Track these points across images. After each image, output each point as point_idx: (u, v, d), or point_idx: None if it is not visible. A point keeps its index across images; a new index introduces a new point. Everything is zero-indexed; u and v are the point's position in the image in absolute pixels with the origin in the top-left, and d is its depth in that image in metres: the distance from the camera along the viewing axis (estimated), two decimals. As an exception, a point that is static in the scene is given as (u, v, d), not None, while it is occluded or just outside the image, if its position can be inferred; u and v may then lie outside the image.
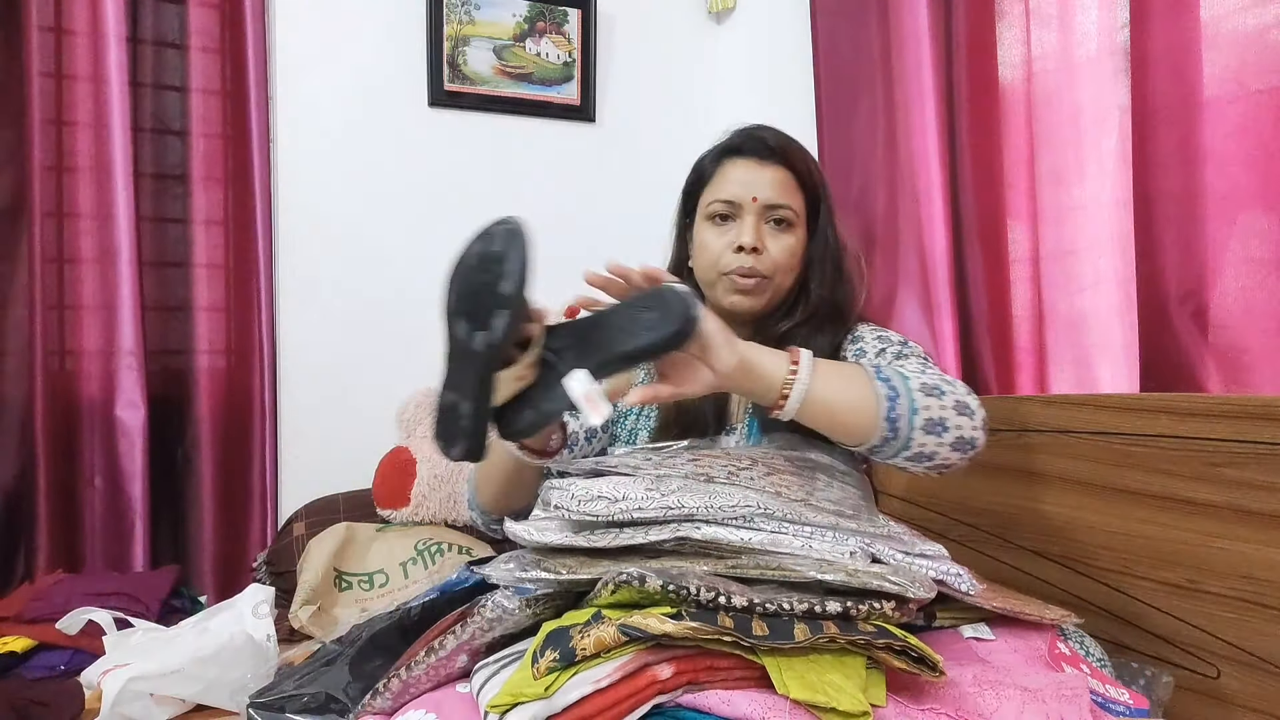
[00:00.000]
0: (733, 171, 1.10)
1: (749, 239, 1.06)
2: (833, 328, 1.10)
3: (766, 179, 1.08)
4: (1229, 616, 0.99)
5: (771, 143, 1.09)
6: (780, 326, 1.09)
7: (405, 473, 1.85)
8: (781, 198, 1.08)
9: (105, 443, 1.82)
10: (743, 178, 1.08)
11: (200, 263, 1.91)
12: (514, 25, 2.14)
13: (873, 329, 1.11)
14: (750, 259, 1.06)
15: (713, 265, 1.09)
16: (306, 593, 1.63)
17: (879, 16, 1.71)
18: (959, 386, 0.92)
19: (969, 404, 0.90)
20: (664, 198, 2.27)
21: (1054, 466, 1.20)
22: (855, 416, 0.88)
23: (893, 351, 1.04)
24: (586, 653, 0.66)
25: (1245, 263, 1.09)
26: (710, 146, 1.15)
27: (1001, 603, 0.86)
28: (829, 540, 0.78)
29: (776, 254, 1.07)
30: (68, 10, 1.79)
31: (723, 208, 1.09)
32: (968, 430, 0.89)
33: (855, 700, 0.63)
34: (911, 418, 0.87)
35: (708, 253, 1.10)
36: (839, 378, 0.89)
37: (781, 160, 1.09)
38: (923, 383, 0.89)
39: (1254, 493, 0.96)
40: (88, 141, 1.80)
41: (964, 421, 0.89)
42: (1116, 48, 1.28)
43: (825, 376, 0.88)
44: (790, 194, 1.09)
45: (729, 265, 1.07)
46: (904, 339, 1.07)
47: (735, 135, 1.12)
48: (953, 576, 0.80)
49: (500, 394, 0.83)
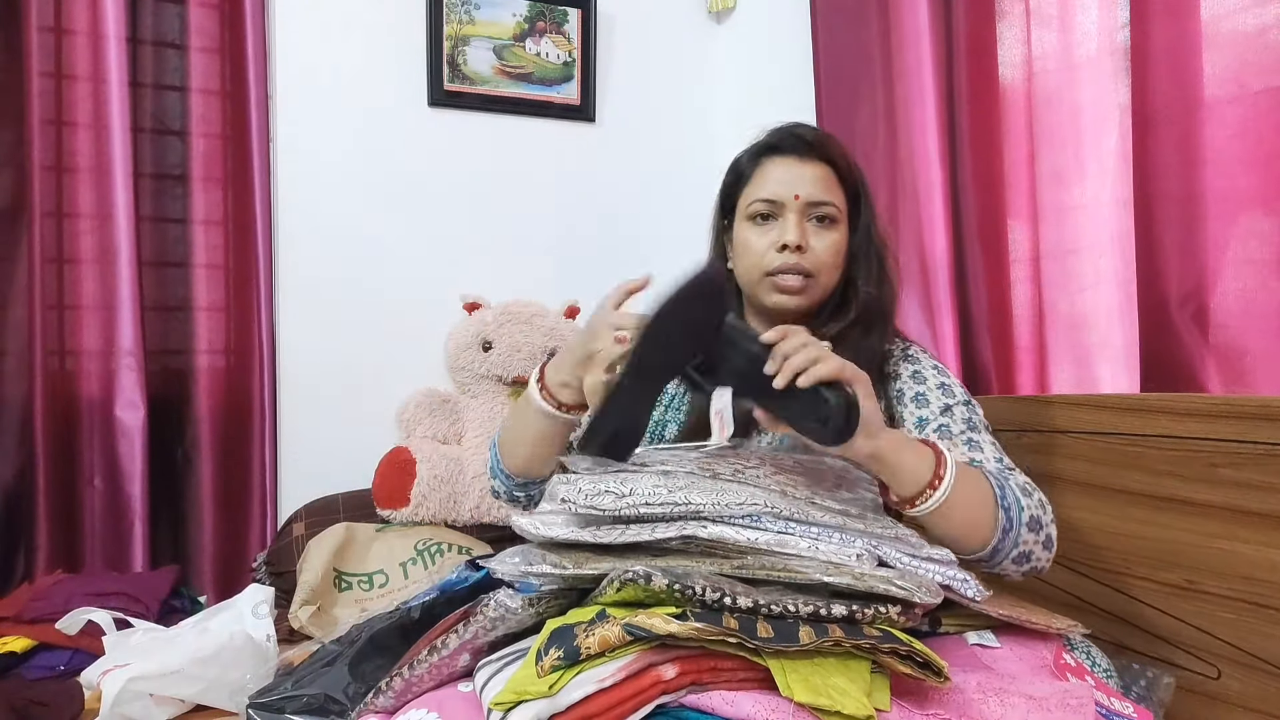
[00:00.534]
0: (773, 170, 1.08)
1: (793, 237, 1.04)
2: (881, 329, 1.09)
3: (808, 176, 1.06)
4: (1228, 617, 0.99)
5: (810, 139, 1.08)
6: (831, 327, 1.07)
7: (405, 473, 1.85)
8: (824, 194, 1.06)
9: (105, 443, 1.82)
10: (783, 176, 1.06)
11: (200, 263, 1.91)
12: (514, 25, 2.14)
13: (932, 363, 1.09)
14: (794, 257, 1.04)
15: (756, 266, 1.07)
16: (306, 593, 1.63)
17: (879, 16, 1.71)
18: (1036, 489, 0.95)
19: (1044, 501, 0.94)
20: (664, 198, 2.30)
21: (1054, 466, 1.20)
22: (974, 530, 0.89)
23: (961, 416, 1.02)
24: (591, 651, 0.66)
25: (1245, 263, 1.10)
26: (746, 146, 1.14)
27: (1008, 610, 0.86)
28: (835, 541, 0.78)
29: (821, 252, 1.05)
30: (68, 10, 1.78)
31: (764, 207, 1.07)
32: (1051, 530, 0.94)
33: (859, 704, 0.63)
34: (1020, 514, 0.90)
35: (750, 253, 1.08)
36: (969, 493, 0.89)
37: (821, 156, 1.07)
38: (1018, 483, 0.93)
39: (1253, 493, 0.96)
40: (87, 141, 1.80)
41: (1049, 522, 0.93)
42: (1116, 48, 1.28)
43: (961, 491, 0.87)
44: (832, 190, 1.07)
45: (773, 265, 1.05)
46: (967, 396, 1.06)
47: (773, 133, 1.11)
48: (959, 582, 0.80)
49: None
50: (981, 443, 1.00)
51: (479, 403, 1.99)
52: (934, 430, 1.01)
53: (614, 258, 2.25)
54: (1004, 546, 0.90)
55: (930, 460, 0.87)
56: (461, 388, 2.03)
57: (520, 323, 1.99)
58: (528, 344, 1.97)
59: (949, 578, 0.80)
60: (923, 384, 1.06)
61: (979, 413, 1.05)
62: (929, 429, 1.02)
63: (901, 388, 1.06)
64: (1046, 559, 0.94)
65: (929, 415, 1.03)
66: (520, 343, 1.97)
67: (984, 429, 1.03)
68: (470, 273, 2.12)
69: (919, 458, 0.87)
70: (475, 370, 1.98)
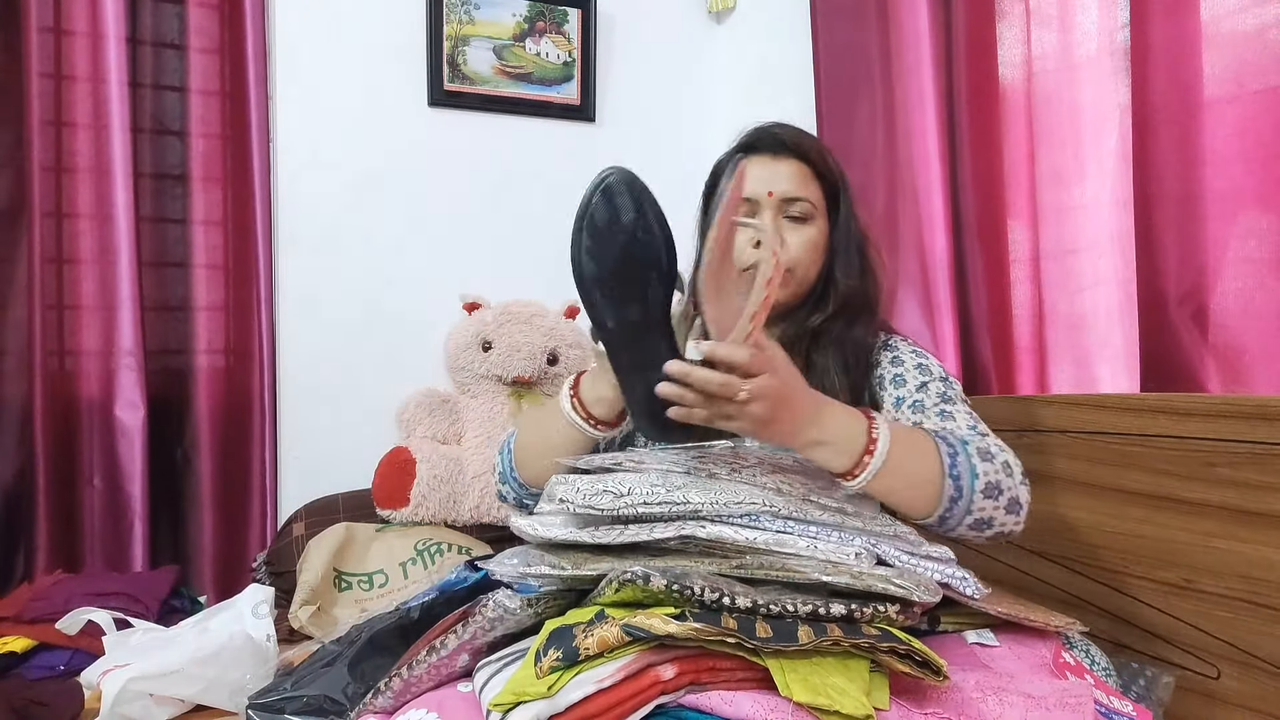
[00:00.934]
0: (748, 169, 1.09)
1: None
2: (865, 320, 1.09)
3: (782, 172, 1.07)
4: (1226, 616, 0.99)
5: (784, 137, 1.09)
6: (812, 320, 1.08)
7: (405, 473, 1.85)
8: (798, 190, 1.07)
9: (105, 443, 1.82)
10: (758, 174, 1.07)
11: (200, 263, 1.91)
12: (514, 25, 2.14)
13: (910, 348, 1.10)
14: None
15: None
16: (306, 593, 1.63)
17: (879, 16, 1.71)
18: (1005, 451, 0.93)
19: (1011, 463, 0.92)
20: (664, 197, 2.29)
21: (1053, 466, 1.20)
22: (917, 498, 0.88)
23: (936, 390, 1.02)
24: (590, 652, 0.66)
25: (1245, 263, 1.10)
26: (727, 148, 1.15)
27: (1007, 609, 0.86)
28: (834, 540, 0.78)
29: (796, 247, 1.07)
30: (67, 11, 1.78)
31: (741, 205, 1.08)
32: (1018, 492, 0.91)
33: (858, 703, 0.63)
34: (973, 481, 0.88)
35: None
36: (909, 462, 0.87)
37: (795, 153, 1.09)
38: (979, 447, 0.90)
39: (1252, 492, 0.96)
40: (87, 142, 1.80)
41: (1015, 485, 0.91)
42: (1116, 48, 1.28)
43: (899, 457, 0.86)
44: (806, 186, 1.08)
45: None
46: (944, 373, 1.06)
47: (749, 134, 1.12)
48: (958, 580, 0.80)
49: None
50: (955, 412, 1.00)
51: (479, 403, 1.99)
52: (909, 406, 1.02)
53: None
54: (953, 515, 0.88)
55: (863, 426, 0.86)
56: (461, 388, 2.03)
57: (520, 323, 1.99)
58: (527, 344, 1.97)
59: (948, 575, 0.80)
60: (900, 366, 1.07)
61: (956, 388, 1.04)
62: (904, 406, 1.02)
63: (881, 374, 1.07)
64: (1014, 523, 0.91)
65: (905, 394, 1.04)
66: (520, 343, 1.97)
67: (960, 401, 1.02)
68: (470, 273, 2.12)
69: (852, 423, 0.86)
70: (475, 370, 1.98)
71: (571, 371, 2.01)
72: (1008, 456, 0.92)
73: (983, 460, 0.89)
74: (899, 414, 1.03)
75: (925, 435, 0.91)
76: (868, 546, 0.79)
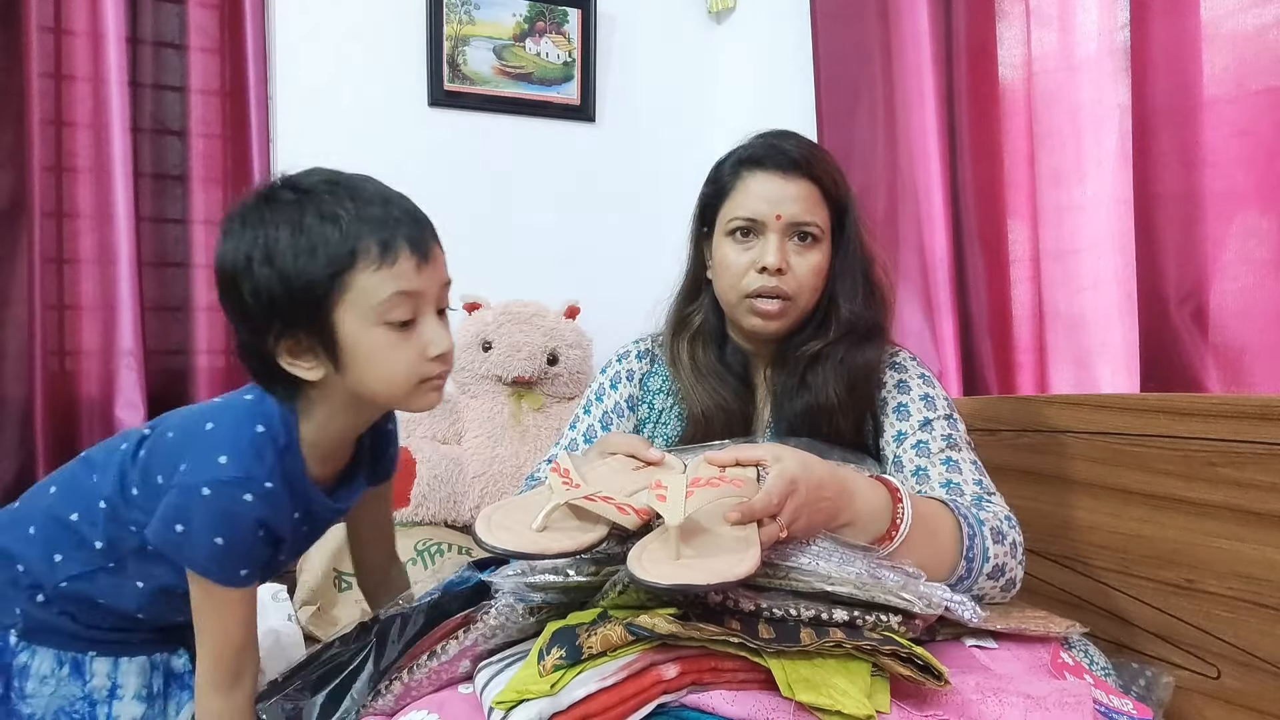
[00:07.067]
0: (754, 185, 1.03)
1: (773, 260, 1.00)
2: (874, 343, 1.06)
3: (790, 194, 1.01)
4: (1227, 616, 0.99)
5: (794, 154, 1.02)
6: (811, 346, 1.04)
7: (405, 473, 1.85)
8: (807, 214, 1.01)
9: (105, 443, 1.82)
10: (765, 193, 1.02)
11: (200, 263, 1.91)
12: (514, 25, 2.14)
13: (919, 371, 1.07)
14: (774, 280, 1.01)
15: (734, 287, 1.04)
16: (306, 593, 1.63)
17: (879, 16, 1.71)
18: (1014, 527, 0.94)
19: (1018, 543, 0.93)
20: (664, 198, 2.29)
21: (1053, 466, 1.20)
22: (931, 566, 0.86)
23: (940, 433, 1.01)
24: (593, 651, 0.66)
25: (1245, 263, 1.10)
26: (726, 153, 1.09)
27: (1004, 624, 0.86)
28: (835, 560, 0.78)
29: (802, 274, 1.02)
30: (67, 11, 1.78)
31: (744, 224, 1.03)
32: (1017, 573, 0.93)
33: (859, 704, 0.63)
34: (984, 565, 0.89)
35: (729, 272, 1.04)
36: (929, 535, 0.87)
37: (806, 173, 1.02)
38: (993, 527, 0.91)
39: (1253, 492, 0.96)
40: (87, 142, 1.80)
41: (1015, 566, 0.92)
42: (1116, 48, 1.28)
43: (918, 535, 0.86)
44: (815, 209, 1.02)
45: (751, 287, 1.02)
46: (949, 409, 1.04)
47: (755, 145, 1.05)
48: (956, 604, 0.79)
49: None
50: (960, 462, 0.99)
51: (479, 403, 1.99)
52: (911, 446, 1.00)
53: (614, 258, 2.25)
54: (955, 588, 0.88)
55: (888, 506, 0.86)
56: (461, 387, 2.03)
57: (520, 323, 1.99)
58: (528, 344, 1.97)
59: (946, 599, 0.79)
60: (906, 394, 1.05)
61: (960, 429, 1.03)
62: (906, 444, 1.01)
63: (885, 396, 1.05)
64: (1003, 598, 0.94)
65: (908, 430, 1.02)
66: (520, 343, 1.97)
67: (965, 446, 1.01)
68: (470, 273, 2.11)
69: (877, 503, 0.85)
70: (475, 370, 1.98)
71: (571, 371, 2.02)
72: (1015, 535, 0.93)
73: (995, 543, 0.90)
74: (900, 450, 1.01)
75: (947, 513, 0.90)
76: (868, 569, 0.78)
